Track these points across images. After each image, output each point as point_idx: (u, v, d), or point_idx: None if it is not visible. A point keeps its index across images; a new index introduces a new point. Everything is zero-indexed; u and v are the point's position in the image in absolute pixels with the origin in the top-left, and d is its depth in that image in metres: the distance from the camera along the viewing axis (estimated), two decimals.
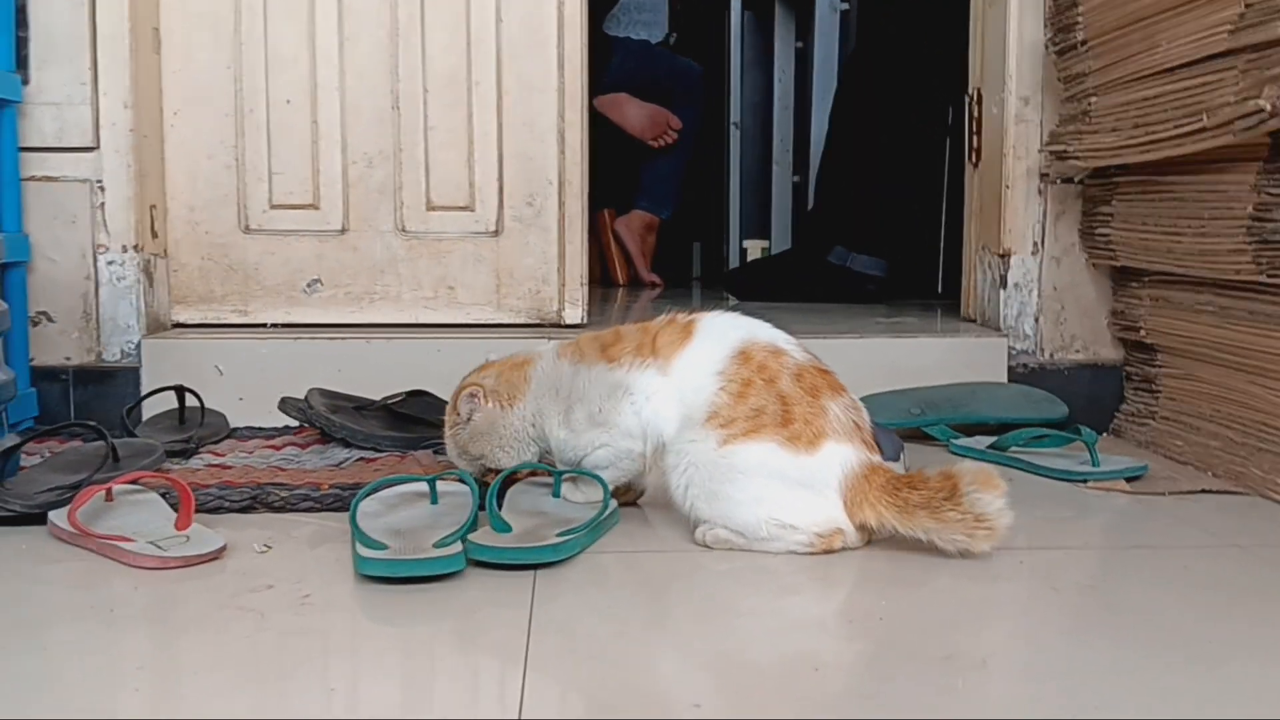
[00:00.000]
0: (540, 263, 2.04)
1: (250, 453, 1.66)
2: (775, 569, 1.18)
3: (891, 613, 1.07)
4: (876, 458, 1.23)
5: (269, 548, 1.25)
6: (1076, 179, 1.95)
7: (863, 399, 1.32)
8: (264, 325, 2.00)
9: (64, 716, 0.85)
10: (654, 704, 0.88)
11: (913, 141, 2.71)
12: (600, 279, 3.33)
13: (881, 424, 1.49)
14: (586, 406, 1.31)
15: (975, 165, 2.13)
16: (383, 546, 1.15)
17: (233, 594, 1.10)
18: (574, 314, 2.05)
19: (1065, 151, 1.88)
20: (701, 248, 4.13)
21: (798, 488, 1.20)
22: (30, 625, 1.04)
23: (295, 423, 1.77)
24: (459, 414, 1.38)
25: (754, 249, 3.56)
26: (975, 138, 2.12)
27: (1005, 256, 1.99)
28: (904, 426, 1.77)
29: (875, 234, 2.70)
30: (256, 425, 1.84)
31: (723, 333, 1.28)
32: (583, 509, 1.32)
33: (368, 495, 1.30)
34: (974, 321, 2.12)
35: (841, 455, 1.20)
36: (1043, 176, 1.97)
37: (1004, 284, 1.99)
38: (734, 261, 3.62)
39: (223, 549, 1.22)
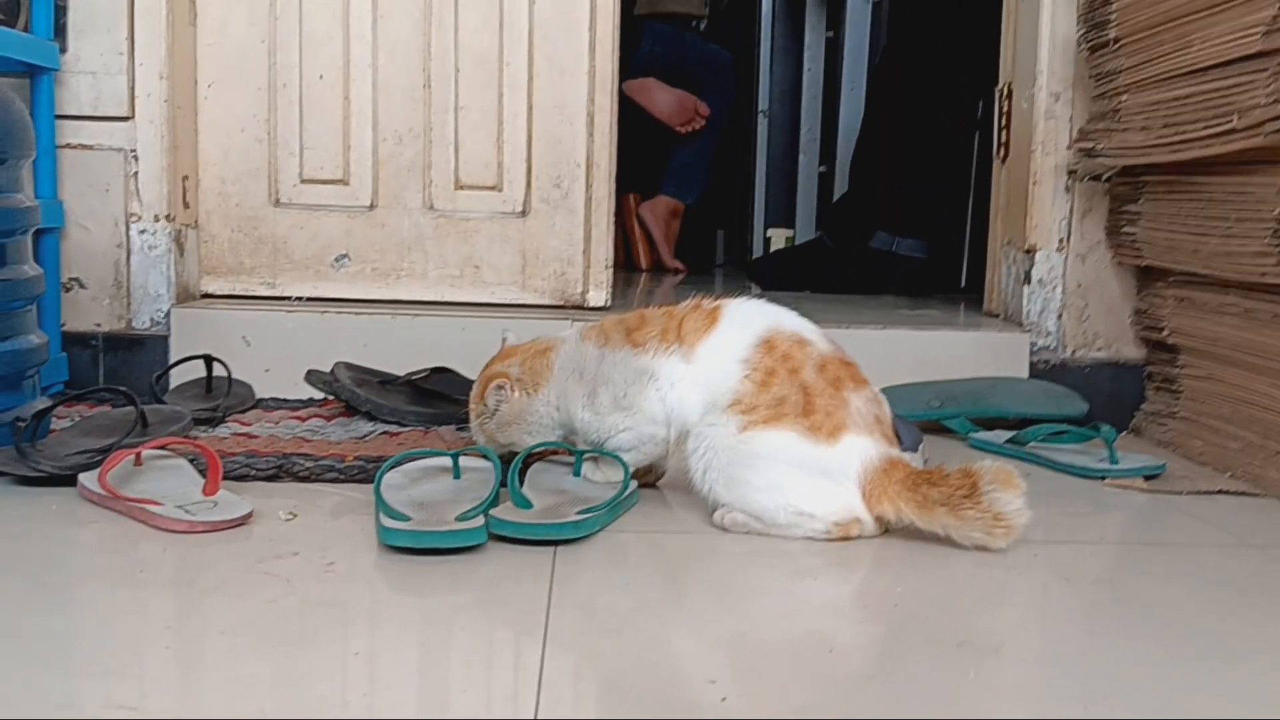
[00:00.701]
0: (566, 245, 2.05)
1: (276, 423, 1.68)
2: (791, 552, 1.20)
3: (906, 598, 1.08)
4: (896, 452, 1.24)
5: (294, 516, 1.27)
6: (1104, 177, 1.95)
7: (883, 389, 1.33)
8: (291, 298, 2.02)
9: (93, 673, 0.87)
10: (671, 679, 0.89)
11: (943, 132, 2.72)
12: (624, 263, 3.34)
13: (901, 415, 1.50)
14: (611, 390, 1.33)
15: (1003, 160, 2.13)
16: (406, 518, 1.17)
17: (259, 559, 1.12)
18: (598, 297, 2.06)
19: (1094, 149, 1.89)
20: (725, 235, 4.13)
21: (817, 477, 1.21)
22: (61, 584, 1.07)
23: (320, 395, 1.80)
24: (486, 406, 1.39)
25: (778, 238, 3.56)
26: (1004, 132, 2.12)
27: (1030, 252, 2.00)
28: (924, 419, 1.78)
29: (917, 217, 2.71)
30: (282, 396, 1.86)
31: (748, 320, 1.29)
32: (603, 488, 1.34)
33: (392, 468, 1.32)
34: (997, 316, 2.13)
35: (861, 448, 1.22)
36: (1070, 173, 1.98)
37: (1028, 280, 2.00)
38: (758, 249, 3.62)
39: (249, 515, 1.24)
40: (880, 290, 2.70)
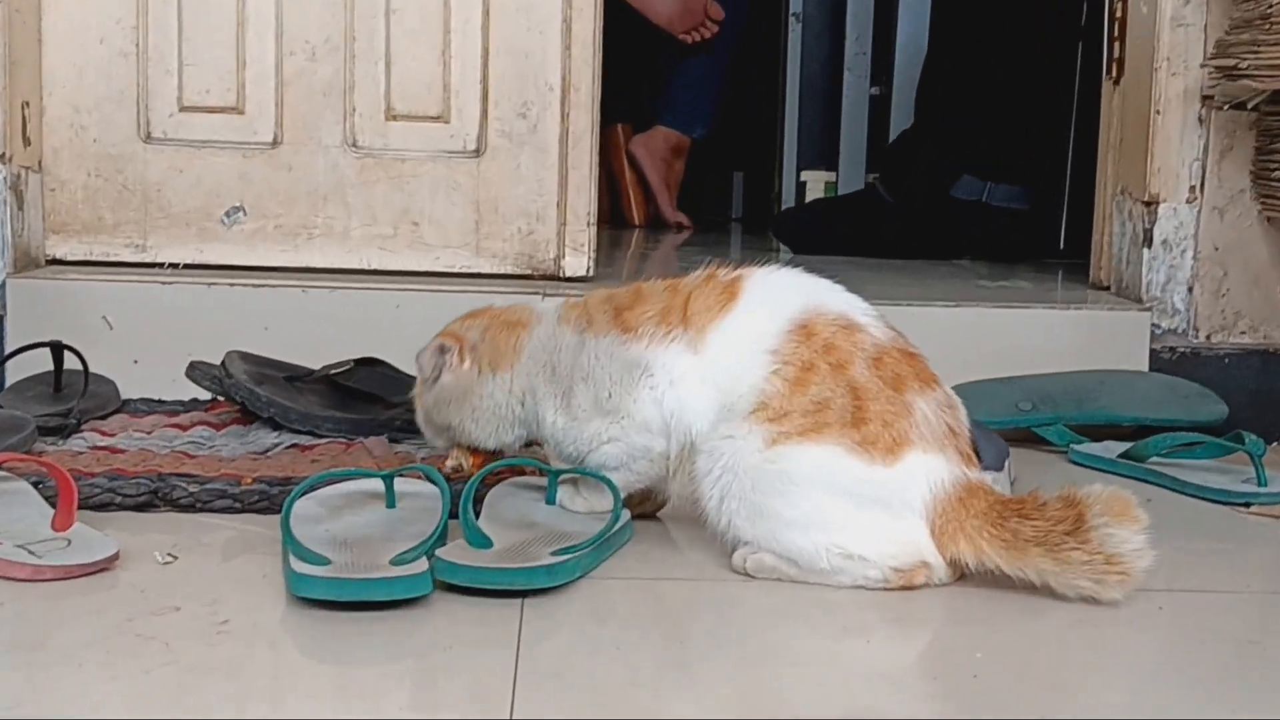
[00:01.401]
0: (534, 194, 2.05)
1: (148, 433, 1.68)
2: (837, 604, 1.20)
3: (989, 667, 1.09)
4: (976, 473, 1.25)
5: (174, 558, 1.27)
6: (1250, 104, 1.95)
7: (956, 388, 1.34)
8: (168, 265, 2.01)
9: None
10: None
11: (1042, 44, 2.72)
12: (610, 217, 3.34)
13: (982, 423, 1.50)
14: (593, 389, 1.34)
15: (1115, 82, 2.14)
16: (325, 561, 1.17)
17: (128, 617, 1.12)
18: (577, 263, 2.06)
19: (1237, 68, 1.89)
20: (744, 179, 4.13)
21: (870, 507, 1.22)
22: None
23: (208, 395, 1.79)
24: (422, 369, 1.41)
25: (815, 182, 3.56)
26: (1117, 45, 2.13)
27: (1151, 204, 2.00)
28: (1010, 426, 1.79)
29: (1016, 155, 2.71)
30: (156, 397, 1.85)
31: (778, 298, 1.30)
32: (585, 521, 1.34)
33: (304, 494, 1.31)
34: (1106, 289, 2.13)
35: (929, 469, 1.22)
36: (1205, 100, 1.98)
37: (1148, 241, 2.00)
38: (788, 199, 3.62)
39: (115, 557, 1.24)
40: (955, 254, 2.71)
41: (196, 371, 1.74)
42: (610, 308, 1.37)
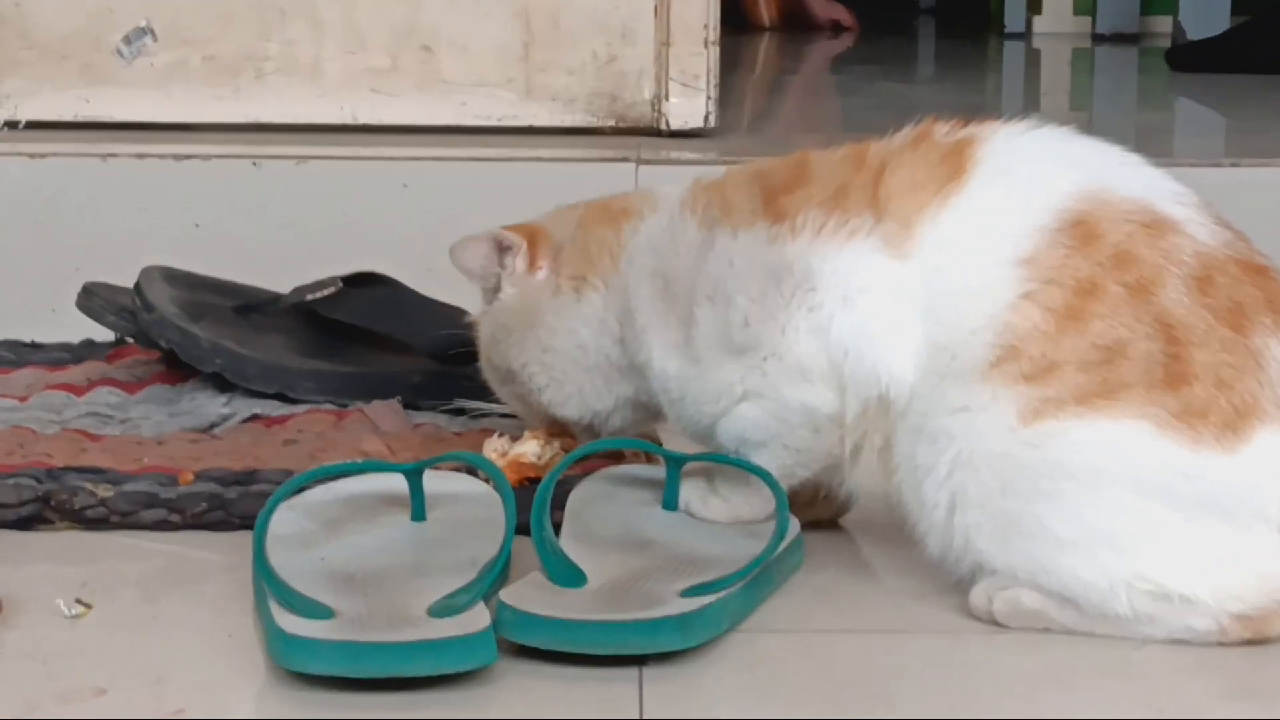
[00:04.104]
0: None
1: (22, 398, 1.70)
2: (1144, 671, 1.21)
3: None
4: None
5: (86, 607, 1.28)
6: None
7: None
8: (36, 124, 2.05)
9: None
10: None
11: None
12: (725, 17, 3.34)
13: None
14: (722, 312, 1.35)
15: None
16: (326, 613, 1.19)
17: (26, 702, 1.14)
18: (687, 108, 2.07)
19: None
20: None
21: (1199, 516, 1.22)
22: None
23: (113, 334, 1.81)
24: (472, 273, 1.44)
25: None
26: None
27: None
28: None
29: None
30: (27, 339, 1.89)
31: (1035, 174, 1.30)
32: (727, 538, 1.35)
33: (286, 500, 1.32)
34: None
35: None
36: None
37: None
38: None
39: None
40: None
41: (95, 299, 1.76)
42: (758, 189, 1.37)
